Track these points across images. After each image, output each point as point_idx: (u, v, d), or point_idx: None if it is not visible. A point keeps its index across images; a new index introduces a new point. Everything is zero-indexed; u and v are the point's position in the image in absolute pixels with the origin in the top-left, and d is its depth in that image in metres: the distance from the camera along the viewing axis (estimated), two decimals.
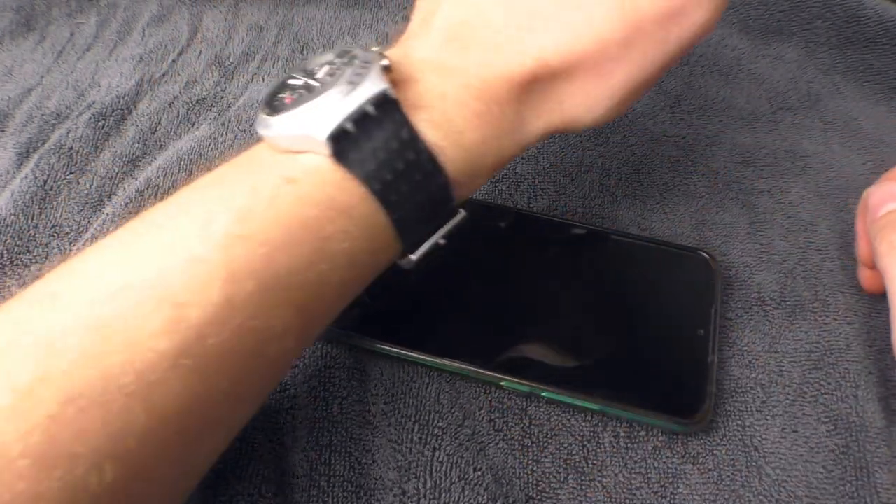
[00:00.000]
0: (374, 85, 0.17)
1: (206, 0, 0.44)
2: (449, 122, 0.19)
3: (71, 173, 0.32)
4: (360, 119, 0.17)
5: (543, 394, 0.24)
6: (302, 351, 0.19)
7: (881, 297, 0.26)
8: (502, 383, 0.24)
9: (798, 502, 0.22)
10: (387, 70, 0.18)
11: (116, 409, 0.15)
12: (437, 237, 0.20)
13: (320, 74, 0.19)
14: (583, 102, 0.20)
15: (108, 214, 0.29)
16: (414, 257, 0.20)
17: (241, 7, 0.43)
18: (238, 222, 0.17)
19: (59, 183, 0.31)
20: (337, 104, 0.17)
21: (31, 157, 0.33)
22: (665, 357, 0.25)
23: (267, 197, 0.17)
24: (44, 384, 0.15)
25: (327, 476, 0.22)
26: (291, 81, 0.19)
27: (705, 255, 0.28)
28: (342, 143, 0.17)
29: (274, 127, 0.18)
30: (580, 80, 0.20)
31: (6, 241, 0.29)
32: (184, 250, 0.16)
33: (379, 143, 0.17)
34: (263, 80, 0.38)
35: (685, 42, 0.20)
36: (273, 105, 0.19)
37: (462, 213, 0.20)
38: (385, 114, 0.18)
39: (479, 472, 0.22)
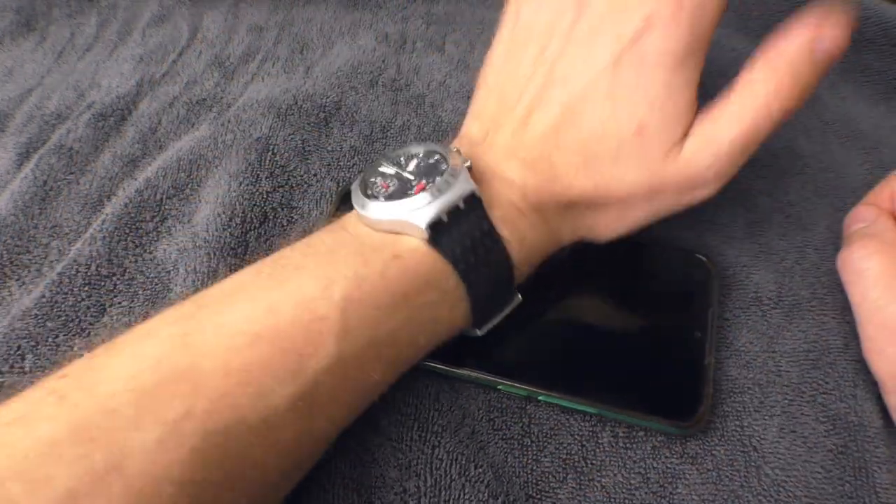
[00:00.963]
0: (465, 185, 0.22)
1: (206, 0, 0.44)
2: (514, 223, 0.23)
3: (71, 173, 0.32)
4: (453, 211, 0.21)
5: (540, 397, 0.24)
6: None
7: None
8: (499, 387, 0.24)
9: (797, 502, 0.22)
10: (469, 169, 0.23)
11: (243, 442, 0.18)
12: (500, 317, 0.24)
13: (410, 168, 0.23)
14: (605, 226, 0.26)
15: (107, 214, 0.30)
16: (479, 332, 0.24)
17: (241, 7, 0.43)
18: (355, 288, 0.20)
19: (59, 183, 0.31)
20: (435, 199, 0.21)
21: (31, 157, 0.33)
22: (661, 360, 0.25)
23: (378, 269, 0.21)
24: (189, 420, 0.17)
25: (328, 474, 0.23)
26: (383, 169, 0.24)
27: (702, 257, 0.28)
28: (437, 231, 0.21)
29: (376, 211, 0.22)
30: (606, 213, 0.25)
31: (6, 241, 0.29)
32: (308, 309, 0.19)
33: (465, 232, 0.21)
34: (263, 80, 0.38)
35: (692, 204, 0.25)
36: (369, 190, 0.23)
37: (519, 298, 0.24)
38: (471, 209, 0.22)
39: (480, 470, 0.22)
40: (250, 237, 0.29)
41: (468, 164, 0.23)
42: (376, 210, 0.22)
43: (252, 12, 0.43)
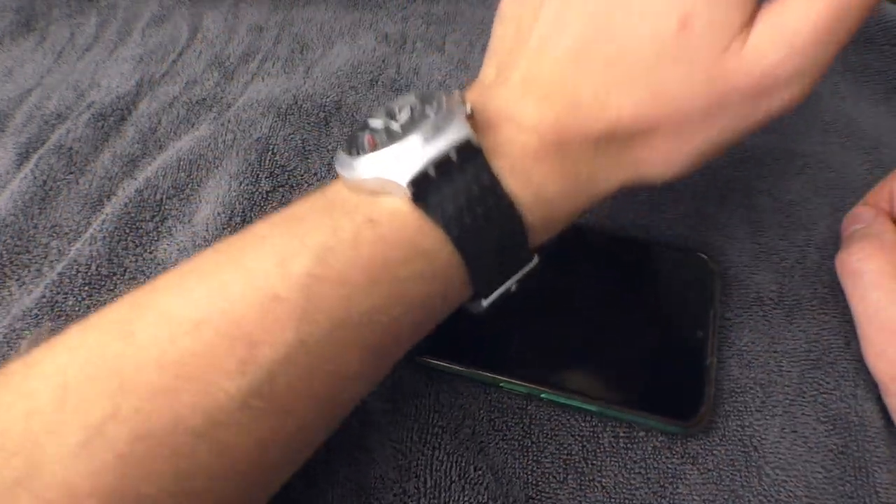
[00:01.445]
0: (458, 131, 0.18)
1: (206, 0, 0.44)
2: (527, 173, 0.19)
3: (71, 173, 0.32)
4: (442, 164, 0.17)
5: (542, 395, 0.24)
6: (367, 394, 0.20)
7: None
8: (501, 384, 0.24)
9: (797, 502, 0.22)
10: (468, 117, 0.18)
11: (185, 449, 0.15)
12: (510, 283, 0.20)
13: (402, 118, 0.19)
14: (659, 162, 0.20)
15: (107, 214, 0.30)
16: (485, 303, 0.20)
17: (241, 7, 0.43)
18: (318, 262, 0.17)
19: (58, 183, 0.31)
20: (420, 149, 0.17)
21: (30, 157, 0.33)
22: (663, 359, 0.25)
23: (348, 238, 0.17)
24: (115, 422, 0.15)
25: (327, 475, 0.22)
26: (372, 122, 0.20)
27: (704, 256, 0.28)
28: (423, 188, 0.17)
29: (355, 168, 0.18)
30: (657, 142, 0.20)
31: (6, 241, 0.29)
32: (261, 288, 0.16)
33: (459, 188, 0.18)
34: (263, 80, 0.38)
35: (773, 115, 0.20)
36: (353, 145, 0.19)
37: (536, 260, 0.20)
38: (467, 160, 0.18)
39: (480, 472, 0.22)
40: None
41: (467, 107, 0.19)
42: (354, 167, 0.18)
43: (252, 12, 0.43)
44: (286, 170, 0.32)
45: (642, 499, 0.22)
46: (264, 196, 0.30)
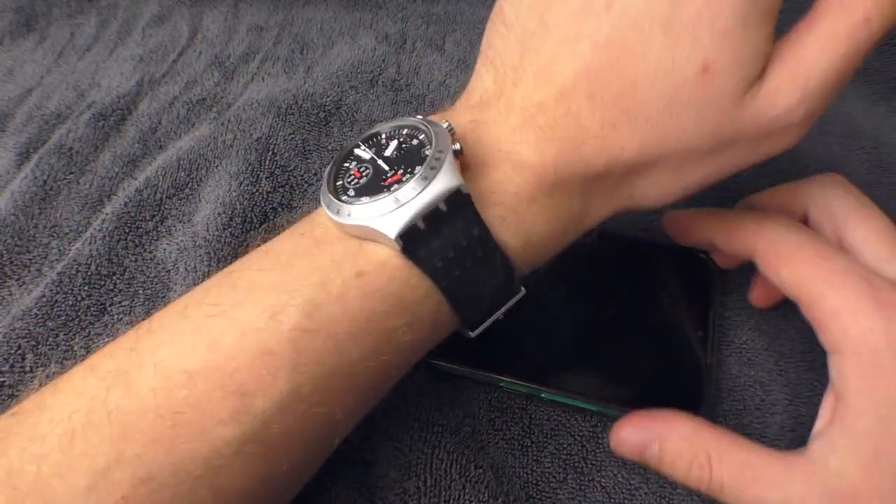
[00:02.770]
0: (448, 180, 0.17)
1: (206, 0, 0.44)
2: (519, 218, 0.18)
3: (71, 173, 0.32)
4: (431, 215, 0.17)
5: (542, 395, 0.24)
6: (352, 429, 0.20)
7: None
8: (501, 384, 0.24)
9: None
10: (458, 154, 0.18)
11: (185, 490, 0.16)
12: (498, 315, 0.20)
13: (388, 152, 0.19)
14: (653, 194, 0.20)
15: (107, 214, 0.30)
16: (473, 334, 0.20)
17: (241, 7, 0.43)
18: (307, 317, 0.17)
19: (59, 183, 0.31)
20: (409, 200, 0.17)
21: (31, 157, 0.33)
22: (663, 359, 0.25)
23: (336, 292, 0.17)
24: (119, 467, 0.16)
25: (329, 475, 0.22)
26: (358, 152, 0.19)
27: (704, 256, 0.28)
28: (412, 240, 0.17)
29: (342, 214, 0.18)
30: (655, 176, 0.19)
31: (6, 241, 0.29)
32: (253, 342, 0.17)
33: (448, 240, 0.17)
34: (263, 80, 0.38)
35: (770, 156, 0.20)
36: (340, 179, 0.19)
37: (522, 291, 0.20)
38: (457, 211, 0.17)
39: (480, 470, 0.22)
40: (251, 237, 0.29)
41: (456, 146, 0.18)
42: (340, 213, 0.18)
43: (252, 12, 0.43)
44: (286, 170, 0.32)
45: (642, 499, 0.22)
46: (265, 196, 0.31)
